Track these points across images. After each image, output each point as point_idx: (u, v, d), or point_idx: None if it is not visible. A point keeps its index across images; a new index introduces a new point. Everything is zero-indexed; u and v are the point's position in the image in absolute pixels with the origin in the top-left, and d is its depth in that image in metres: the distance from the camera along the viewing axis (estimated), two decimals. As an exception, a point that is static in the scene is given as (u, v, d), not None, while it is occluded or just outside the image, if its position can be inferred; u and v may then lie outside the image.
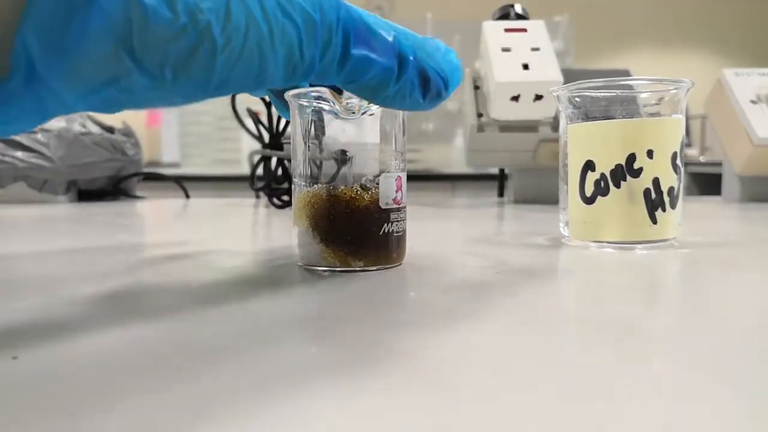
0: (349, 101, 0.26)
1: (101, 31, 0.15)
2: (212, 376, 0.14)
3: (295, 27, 0.18)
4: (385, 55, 0.20)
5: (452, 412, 0.12)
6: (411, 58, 0.21)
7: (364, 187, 0.27)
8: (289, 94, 0.27)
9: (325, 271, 0.27)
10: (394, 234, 0.28)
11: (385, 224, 0.27)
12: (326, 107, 0.27)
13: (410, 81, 0.22)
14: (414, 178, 1.67)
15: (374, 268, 0.28)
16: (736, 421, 0.12)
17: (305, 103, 0.27)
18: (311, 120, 0.28)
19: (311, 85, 0.27)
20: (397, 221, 0.28)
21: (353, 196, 0.27)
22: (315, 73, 0.19)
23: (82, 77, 0.15)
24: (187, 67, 0.16)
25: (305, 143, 0.28)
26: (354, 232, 0.27)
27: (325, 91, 0.26)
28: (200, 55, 0.16)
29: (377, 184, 0.27)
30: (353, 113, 0.27)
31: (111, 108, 0.17)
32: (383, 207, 0.27)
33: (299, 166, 0.28)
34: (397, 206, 0.28)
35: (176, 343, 0.17)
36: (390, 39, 0.21)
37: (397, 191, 0.28)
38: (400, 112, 0.28)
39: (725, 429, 0.12)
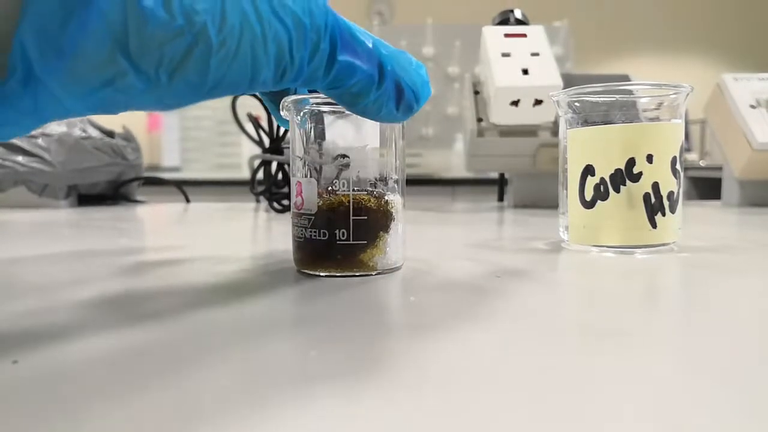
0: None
1: (98, 32, 0.15)
2: (211, 379, 0.14)
3: (286, 29, 0.18)
4: (367, 62, 0.21)
5: (451, 416, 0.12)
6: (389, 68, 0.22)
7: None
8: (288, 100, 0.28)
9: (322, 275, 0.27)
10: (295, 238, 0.28)
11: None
12: (326, 109, 0.27)
13: (387, 90, 0.22)
14: (414, 182, 1.67)
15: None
16: (735, 422, 0.12)
17: (306, 109, 0.27)
18: (311, 125, 0.28)
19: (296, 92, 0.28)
20: (295, 226, 0.28)
21: None
22: (303, 77, 0.20)
23: (79, 79, 0.15)
24: (182, 69, 0.16)
25: (304, 148, 0.28)
26: None
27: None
28: (195, 57, 0.16)
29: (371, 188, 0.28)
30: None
31: (107, 110, 0.17)
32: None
33: (298, 171, 0.28)
34: (296, 211, 0.28)
35: (174, 347, 0.17)
36: (370, 46, 0.21)
37: (297, 196, 0.28)
38: None
39: (725, 430, 0.12)
